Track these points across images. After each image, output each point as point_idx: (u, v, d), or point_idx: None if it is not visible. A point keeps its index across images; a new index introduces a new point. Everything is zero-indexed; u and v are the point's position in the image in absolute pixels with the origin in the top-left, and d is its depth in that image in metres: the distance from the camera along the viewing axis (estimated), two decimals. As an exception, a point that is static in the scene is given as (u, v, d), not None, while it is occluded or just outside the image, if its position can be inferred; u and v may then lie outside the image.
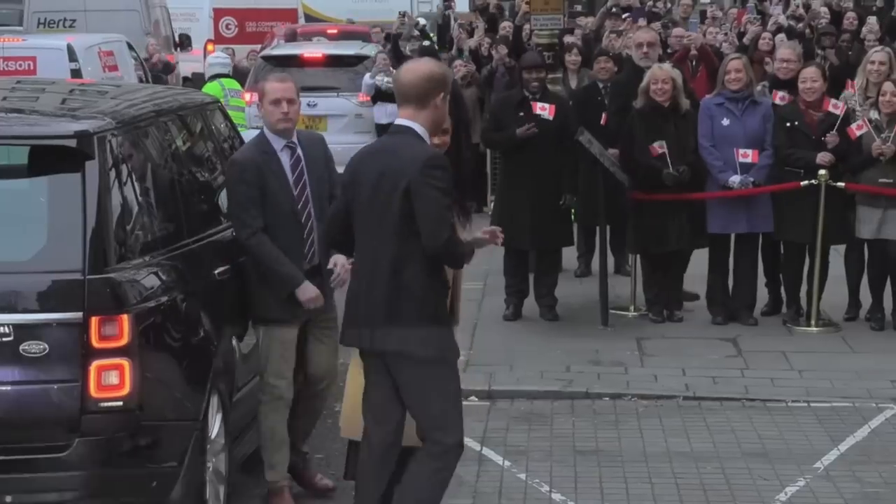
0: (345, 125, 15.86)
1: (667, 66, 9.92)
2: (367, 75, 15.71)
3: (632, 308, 9.98)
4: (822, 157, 9.26)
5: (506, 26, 15.65)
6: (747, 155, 9.46)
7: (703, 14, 19.12)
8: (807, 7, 15.94)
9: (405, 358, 5.26)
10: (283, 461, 6.41)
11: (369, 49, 17.33)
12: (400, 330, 5.24)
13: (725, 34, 15.46)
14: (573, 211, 10.13)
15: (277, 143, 6.27)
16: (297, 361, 6.37)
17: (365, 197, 5.36)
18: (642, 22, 16.31)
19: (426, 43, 15.33)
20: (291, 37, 20.60)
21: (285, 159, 6.27)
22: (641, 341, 9.20)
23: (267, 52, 17.59)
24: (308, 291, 6.16)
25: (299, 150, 6.33)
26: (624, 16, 15.05)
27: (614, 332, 9.49)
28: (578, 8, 22.15)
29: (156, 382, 5.41)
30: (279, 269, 6.15)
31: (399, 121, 5.39)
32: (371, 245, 5.34)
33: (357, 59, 16.59)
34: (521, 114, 9.78)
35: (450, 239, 5.23)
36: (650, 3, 20.00)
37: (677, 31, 13.24)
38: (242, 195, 6.16)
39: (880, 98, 9.38)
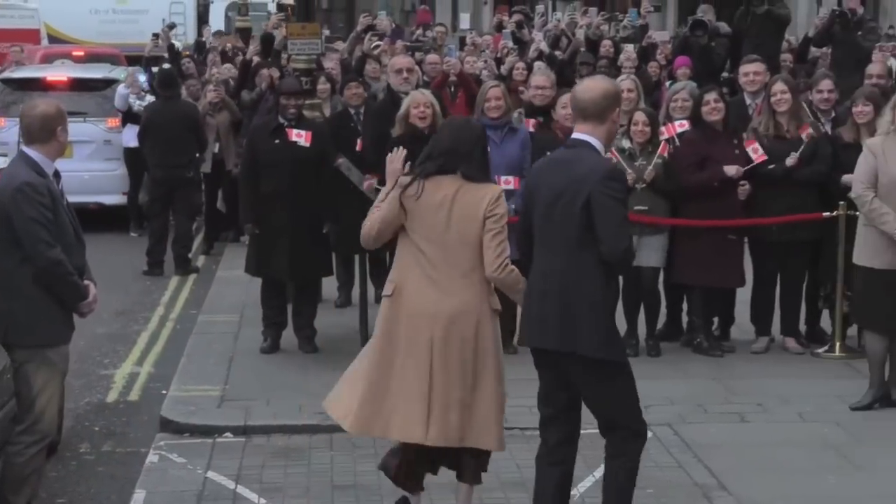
0: (92, 152, 15.59)
1: (426, 91, 10.12)
2: (122, 85, 15.48)
3: (392, 338, 10.12)
4: None
5: None
6: (509, 182, 9.70)
7: (462, 40, 19.51)
8: (568, 35, 16.47)
9: (582, 359, 5.80)
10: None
11: (118, 73, 17.06)
12: (577, 334, 5.76)
13: (485, 61, 15.85)
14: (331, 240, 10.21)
15: (49, 167, 6.43)
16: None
17: (543, 208, 5.86)
18: (400, 44, 16.58)
19: (166, 66, 15.13)
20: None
21: (56, 182, 6.46)
22: (402, 372, 9.33)
23: (7, 74, 17.10)
24: (92, 290, 6.49)
25: None
26: (376, 42, 15.22)
27: (374, 363, 9.60)
28: (327, 32, 22.25)
29: None
30: (77, 282, 6.40)
31: (577, 135, 5.91)
32: (549, 253, 5.84)
33: (105, 83, 16.32)
34: (277, 141, 9.83)
35: (629, 248, 5.79)
36: (419, 32, 20.28)
37: (431, 57, 13.51)
38: (42, 216, 6.24)
39: (632, 127, 9.76)
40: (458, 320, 6.11)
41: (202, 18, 29.60)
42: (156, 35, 18.75)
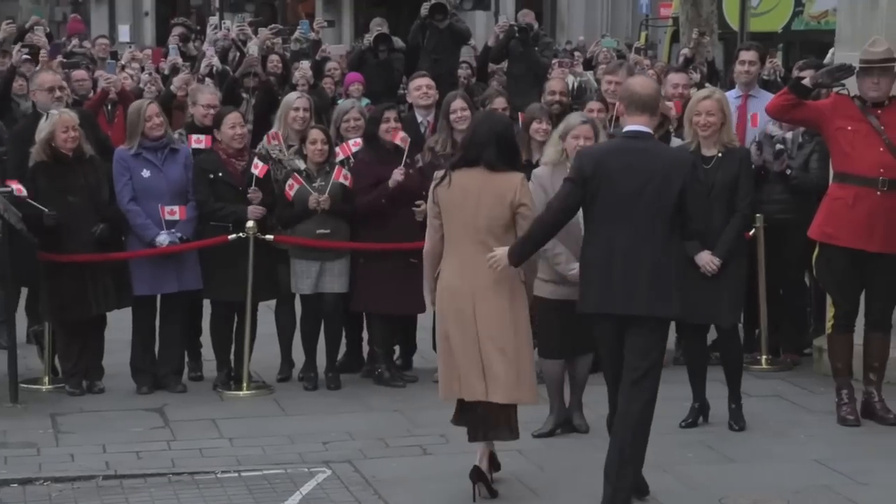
0: None
1: (72, 112, 9.82)
2: None
3: (46, 381, 9.88)
4: (253, 211, 9.62)
5: None
6: (174, 213, 9.60)
7: (114, 54, 19.06)
8: (238, 46, 16.41)
9: (652, 319, 6.89)
10: None
11: None
12: (663, 298, 6.87)
13: (150, 73, 15.65)
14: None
15: None
16: None
17: (620, 190, 6.84)
18: (58, 59, 16.10)
19: None
20: None
21: None
22: (57, 417, 9.12)
23: None
24: None
25: None
26: (25, 55, 14.78)
27: (25, 409, 9.35)
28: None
29: None
30: None
31: (636, 127, 6.95)
32: (631, 230, 6.84)
33: None
34: None
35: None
36: (75, 42, 19.75)
37: (78, 73, 13.19)
38: None
39: (309, 146, 9.83)
40: (495, 293, 7.18)
41: None
42: None
